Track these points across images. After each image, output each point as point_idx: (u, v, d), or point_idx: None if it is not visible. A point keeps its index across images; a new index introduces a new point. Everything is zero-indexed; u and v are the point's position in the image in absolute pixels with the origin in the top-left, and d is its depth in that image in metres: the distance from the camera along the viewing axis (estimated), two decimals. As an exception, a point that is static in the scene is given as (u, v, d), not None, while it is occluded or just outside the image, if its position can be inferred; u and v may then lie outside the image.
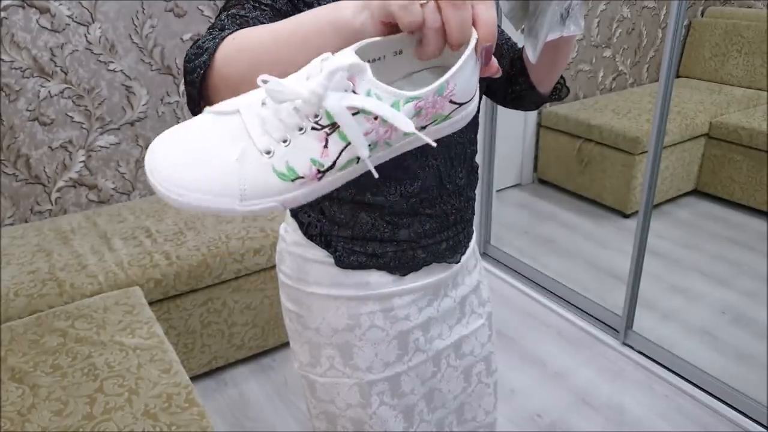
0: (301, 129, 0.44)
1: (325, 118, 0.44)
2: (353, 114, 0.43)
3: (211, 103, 0.58)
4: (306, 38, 0.51)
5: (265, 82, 0.44)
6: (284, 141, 0.45)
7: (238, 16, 0.62)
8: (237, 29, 0.58)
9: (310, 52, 0.50)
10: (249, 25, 0.61)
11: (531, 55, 0.69)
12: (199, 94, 0.57)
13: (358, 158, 0.46)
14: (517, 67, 0.87)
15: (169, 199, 0.45)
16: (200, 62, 0.56)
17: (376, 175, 0.46)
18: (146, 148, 2.20)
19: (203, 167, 0.44)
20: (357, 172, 0.48)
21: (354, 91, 0.43)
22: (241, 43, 0.55)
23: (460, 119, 0.49)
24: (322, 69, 0.43)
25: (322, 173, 0.46)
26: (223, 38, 0.56)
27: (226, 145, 0.45)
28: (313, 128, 0.44)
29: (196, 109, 0.59)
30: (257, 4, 0.64)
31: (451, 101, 0.46)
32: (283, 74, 0.53)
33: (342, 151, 0.46)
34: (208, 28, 0.61)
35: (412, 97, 0.44)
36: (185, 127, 0.47)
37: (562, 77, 0.88)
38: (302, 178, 0.46)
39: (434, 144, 0.47)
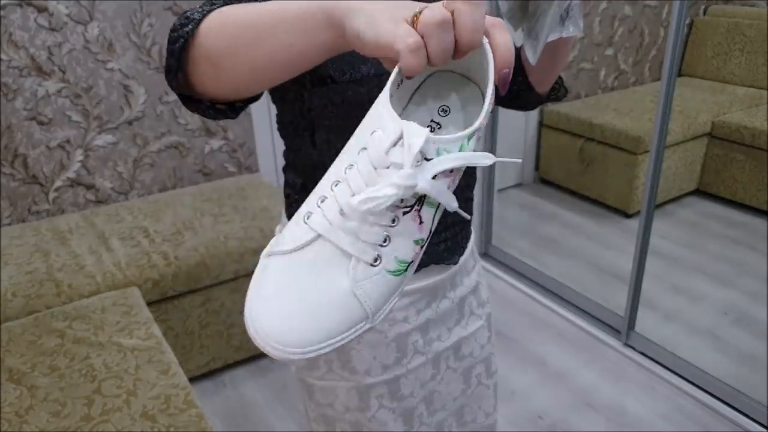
0: (394, 221, 0.43)
1: (410, 197, 0.43)
2: (432, 178, 0.42)
3: (188, 78, 0.57)
4: (292, 20, 0.49)
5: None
6: (384, 241, 0.43)
7: None
8: (228, 4, 0.57)
9: (293, 34, 0.49)
10: (241, 2, 0.59)
11: (531, 57, 0.68)
12: (177, 64, 0.55)
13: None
14: (515, 67, 0.86)
15: (309, 357, 0.44)
16: (184, 32, 0.54)
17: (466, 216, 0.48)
18: (144, 147, 2.19)
19: (325, 315, 0.43)
20: None
21: (426, 158, 0.41)
22: (226, 19, 0.53)
23: None
24: (404, 155, 0.41)
25: (423, 246, 0.46)
26: (210, 11, 0.55)
27: (329, 277, 0.43)
28: (404, 213, 0.43)
29: (172, 80, 0.57)
30: None
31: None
32: (263, 54, 0.51)
33: (434, 216, 0.45)
34: (202, 4, 0.59)
35: (473, 132, 0.43)
36: (272, 284, 0.44)
37: (560, 77, 0.88)
38: (412, 262, 0.45)
39: (520, 161, 0.50)
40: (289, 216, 0.85)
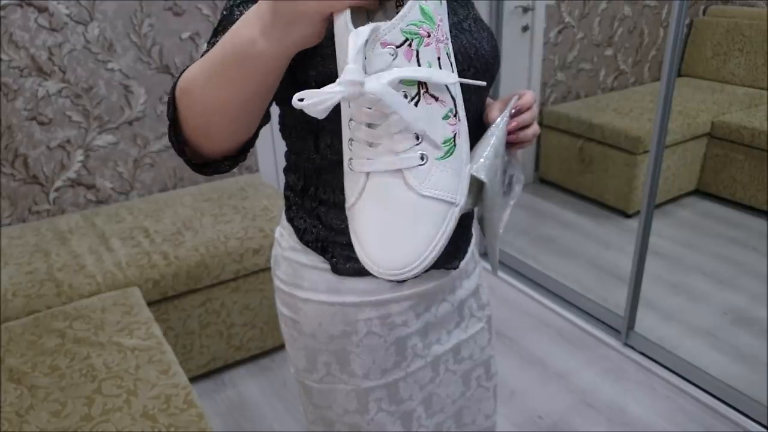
0: (412, 98, 0.46)
1: (412, 88, 0.46)
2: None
3: (193, 145, 0.59)
4: (224, 70, 0.50)
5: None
6: (418, 139, 0.46)
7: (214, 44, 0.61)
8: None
9: (234, 82, 0.50)
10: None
11: (492, 269, 0.75)
12: (180, 142, 0.58)
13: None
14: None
15: (427, 265, 0.49)
16: (168, 114, 0.57)
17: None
18: (144, 147, 2.19)
19: (416, 228, 0.48)
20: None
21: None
22: (185, 86, 0.55)
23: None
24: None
25: (456, 114, 0.49)
26: (176, 83, 0.56)
27: (396, 199, 0.47)
28: (416, 103, 0.46)
29: (182, 148, 0.59)
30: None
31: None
32: (233, 94, 0.52)
33: (446, 88, 0.48)
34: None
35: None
36: (363, 232, 0.49)
37: None
38: (455, 134, 0.48)
39: (484, 83, 0.54)
40: (289, 218, 0.85)
